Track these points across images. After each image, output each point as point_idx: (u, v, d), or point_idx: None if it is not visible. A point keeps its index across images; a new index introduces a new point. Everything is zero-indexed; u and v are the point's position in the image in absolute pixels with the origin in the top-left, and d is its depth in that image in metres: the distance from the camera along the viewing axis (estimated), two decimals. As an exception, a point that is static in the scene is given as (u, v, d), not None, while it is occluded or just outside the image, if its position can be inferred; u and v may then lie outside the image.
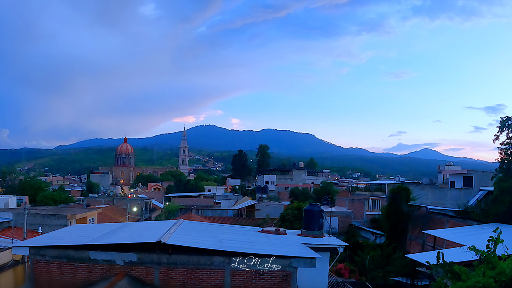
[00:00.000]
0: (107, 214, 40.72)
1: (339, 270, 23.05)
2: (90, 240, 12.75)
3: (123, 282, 11.51)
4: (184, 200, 74.24)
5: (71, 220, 28.15)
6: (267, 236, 16.27)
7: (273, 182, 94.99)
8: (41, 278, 12.25)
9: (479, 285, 9.34)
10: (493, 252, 10.68)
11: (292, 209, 36.53)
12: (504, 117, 23.66)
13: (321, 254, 13.38)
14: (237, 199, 64.03)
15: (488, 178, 31.05)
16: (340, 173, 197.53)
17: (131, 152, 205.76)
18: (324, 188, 77.35)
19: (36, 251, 12.41)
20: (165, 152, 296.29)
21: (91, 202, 56.66)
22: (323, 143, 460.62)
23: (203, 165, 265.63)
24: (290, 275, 12.04)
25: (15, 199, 40.33)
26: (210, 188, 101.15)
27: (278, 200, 65.09)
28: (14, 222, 27.27)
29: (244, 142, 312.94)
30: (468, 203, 32.69)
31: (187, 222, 18.08)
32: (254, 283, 12.00)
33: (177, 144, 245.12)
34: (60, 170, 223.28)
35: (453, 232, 22.36)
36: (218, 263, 12.00)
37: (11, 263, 17.03)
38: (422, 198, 35.30)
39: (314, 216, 17.57)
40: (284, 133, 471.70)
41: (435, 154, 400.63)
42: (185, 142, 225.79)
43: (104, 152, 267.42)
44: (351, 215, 40.21)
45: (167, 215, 51.42)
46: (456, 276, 10.59)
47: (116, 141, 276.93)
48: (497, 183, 23.92)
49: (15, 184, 69.90)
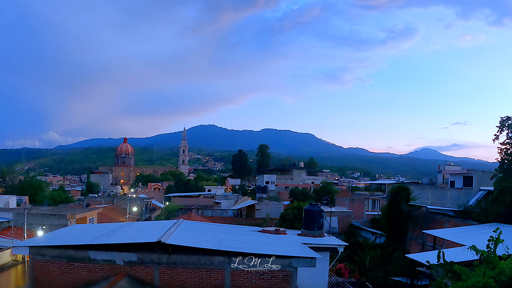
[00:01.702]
0: (107, 214, 40.70)
1: (339, 270, 23.04)
2: (90, 240, 12.74)
3: (123, 282, 11.51)
4: (184, 200, 74.25)
5: (71, 220, 28.16)
6: (267, 236, 16.27)
7: (273, 182, 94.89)
8: (41, 278, 12.23)
9: (479, 285, 9.34)
10: (493, 252, 10.68)
11: (292, 209, 36.54)
12: (504, 117, 23.67)
13: (321, 254, 13.37)
14: (237, 199, 64.00)
15: (488, 178, 31.06)
16: (340, 173, 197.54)
17: (131, 152, 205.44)
18: (324, 188, 77.23)
19: (36, 251, 12.40)
20: (165, 152, 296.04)
21: (91, 202, 56.69)
22: (323, 143, 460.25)
23: (203, 165, 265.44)
24: (290, 275, 12.03)
25: (15, 199, 40.39)
26: (210, 188, 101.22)
27: (278, 200, 65.02)
28: (14, 222, 27.25)
29: (244, 142, 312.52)
30: (468, 203, 32.71)
31: (187, 222, 18.06)
32: (254, 283, 11.99)
33: (177, 144, 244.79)
34: (60, 170, 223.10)
35: (453, 232, 22.36)
36: (218, 263, 11.99)
37: (11, 263, 17.05)
38: (422, 198, 35.30)
39: (314, 216, 17.57)
40: (284, 133, 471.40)
41: (435, 154, 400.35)
42: (185, 142, 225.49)
43: (104, 152, 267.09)
44: (351, 215, 40.19)
45: (167, 215, 51.42)
46: (456, 276, 10.58)
47: (116, 141, 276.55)
48: (497, 183, 23.92)
49: (15, 184, 69.92)
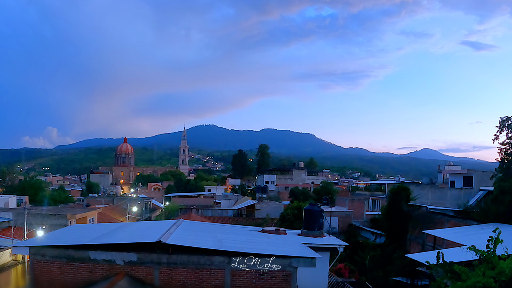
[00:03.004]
0: (107, 214, 40.68)
1: (339, 270, 23.03)
2: (90, 240, 12.73)
3: (123, 282, 11.50)
4: (184, 200, 74.23)
5: (71, 220, 28.15)
6: (267, 236, 16.25)
7: (273, 182, 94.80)
8: (41, 278, 12.22)
9: (479, 284, 9.35)
10: (493, 252, 10.69)
11: (292, 209, 36.56)
12: (504, 117, 23.70)
13: (321, 254, 13.36)
14: (237, 199, 64.04)
15: (488, 178, 31.09)
16: (340, 173, 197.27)
17: (131, 152, 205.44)
18: (324, 188, 77.06)
19: (36, 251, 12.38)
20: (165, 152, 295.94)
21: (91, 202, 56.73)
22: (323, 143, 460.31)
23: (203, 165, 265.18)
24: (290, 275, 12.02)
25: (15, 199, 40.46)
26: (210, 188, 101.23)
27: (278, 200, 64.96)
28: (14, 222, 27.21)
29: (244, 142, 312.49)
30: (468, 203, 32.68)
31: (187, 222, 18.04)
32: (254, 283, 11.98)
33: (177, 144, 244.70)
34: (60, 170, 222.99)
35: (453, 232, 22.35)
36: (218, 263, 11.97)
37: (11, 263, 17.04)
38: (422, 198, 35.32)
39: (314, 216, 17.55)
40: (284, 133, 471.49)
41: (435, 154, 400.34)
42: (185, 142, 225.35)
43: (104, 152, 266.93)
44: (351, 215, 40.19)
45: (167, 215, 51.47)
46: (456, 276, 10.59)
47: (116, 141, 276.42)
48: (497, 183, 23.94)
49: (15, 184, 69.87)
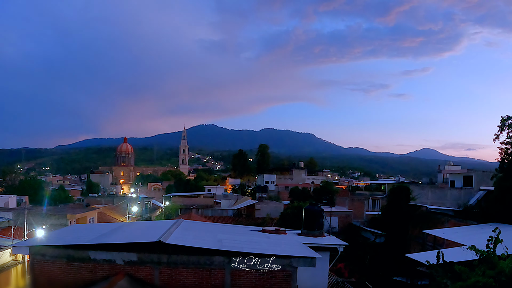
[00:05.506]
0: (107, 214, 40.73)
1: (339, 270, 23.05)
2: (90, 239, 12.73)
3: (123, 281, 11.50)
4: (184, 199, 74.16)
5: (71, 220, 28.21)
6: (267, 235, 16.25)
7: (273, 182, 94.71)
8: (41, 278, 12.22)
9: (479, 284, 9.34)
10: (493, 252, 10.67)
11: (292, 209, 36.50)
12: (504, 116, 23.66)
13: (321, 254, 13.38)
14: (237, 199, 64.02)
15: (488, 177, 31.07)
16: (340, 173, 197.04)
17: (131, 151, 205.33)
18: (324, 188, 76.95)
19: (36, 251, 12.38)
20: (165, 152, 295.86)
21: (91, 201, 56.76)
22: (323, 143, 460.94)
23: (203, 164, 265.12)
24: (290, 274, 12.01)
25: (15, 199, 40.50)
26: (210, 187, 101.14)
27: (278, 199, 64.89)
28: (14, 222, 27.25)
29: (244, 142, 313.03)
30: (468, 203, 32.71)
31: (187, 222, 18.03)
32: (254, 283, 11.97)
33: (177, 143, 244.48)
34: (60, 169, 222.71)
35: (453, 232, 22.36)
36: (218, 262, 11.97)
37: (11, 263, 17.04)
38: (422, 198, 35.35)
39: (314, 216, 17.56)
40: (284, 133, 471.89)
41: (435, 153, 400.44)
42: (185, 141, 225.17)
43: (104, 152, 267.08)
44: (351, 215, 40.20)
45: (167, 214, 51.43)
46: (456, 276, 10.58)
47: (116, 141, 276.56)
48: (497, 183, 23.90)
49: (15, 184, 69.98)
